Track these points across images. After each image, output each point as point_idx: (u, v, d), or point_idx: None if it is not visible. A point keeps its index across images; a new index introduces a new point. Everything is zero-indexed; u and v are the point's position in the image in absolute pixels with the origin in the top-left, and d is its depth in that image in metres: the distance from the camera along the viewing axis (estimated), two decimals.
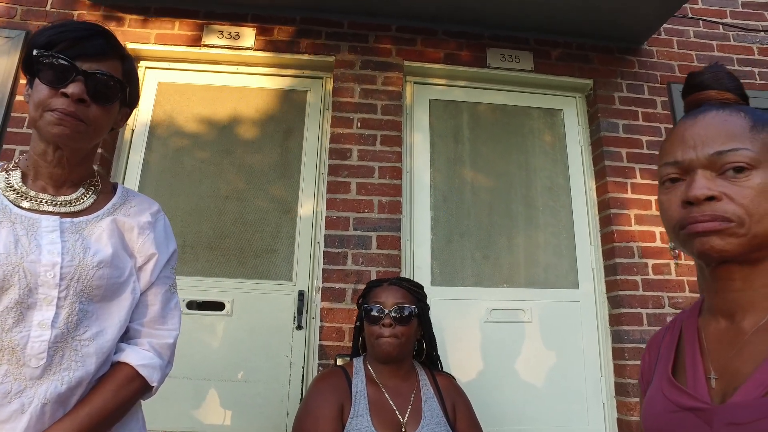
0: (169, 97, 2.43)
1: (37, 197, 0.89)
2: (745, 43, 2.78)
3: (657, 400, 0.67)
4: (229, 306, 2.15)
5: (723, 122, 0.61)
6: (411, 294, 1.47)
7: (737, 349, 0.60)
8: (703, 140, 0.61)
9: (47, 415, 0.79)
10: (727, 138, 0.60)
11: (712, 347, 0.64)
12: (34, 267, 0.81)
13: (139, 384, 0.89)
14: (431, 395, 1.42)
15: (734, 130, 0.60)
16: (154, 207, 1.04)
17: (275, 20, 2.45)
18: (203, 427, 2.01)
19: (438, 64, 2.50)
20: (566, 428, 2.18)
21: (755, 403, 0.54)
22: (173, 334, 0.97)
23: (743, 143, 0.59)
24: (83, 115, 0.86)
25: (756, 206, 0.57)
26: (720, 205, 0.59)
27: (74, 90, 0.84)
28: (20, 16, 2.32)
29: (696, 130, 0.63)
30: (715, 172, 0.60)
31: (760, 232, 0.58)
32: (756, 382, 0.55)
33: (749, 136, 0.60)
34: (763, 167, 0.59)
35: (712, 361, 0.63)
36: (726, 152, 0.59)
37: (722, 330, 0.64)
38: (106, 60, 0.89)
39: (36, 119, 0.85)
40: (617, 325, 2.26)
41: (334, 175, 2.24)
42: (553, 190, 2.50)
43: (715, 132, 0.61)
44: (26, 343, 0.79)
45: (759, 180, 0.58)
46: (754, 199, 0.58)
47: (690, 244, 0.62)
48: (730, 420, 0.55)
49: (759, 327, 0.59)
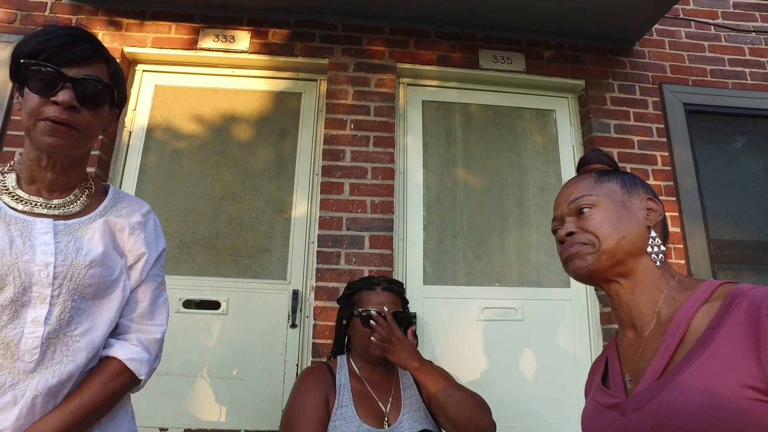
0: (165, 100, 2.47)
1: (31, 200, 0.92)
2: (737, 43, 2.81)
3: (590, 405, 0.83)
4: (225, 305, 2.18)
5: (576, 183, 0.87)
6: (400, 298, 1.52)
7: (640, 352, 0.77)
8: (565, 197, 0.87)
9: (38, 407, 0.83)
10: (578, 191, 0.85)
11: (626, 355, 0.81)
12: (28, 266, 0.85)
13: (127, 377, 0.92)
14: (410, 383, 1.47)
15: (583, 185, 0.86)
16: (144, 208, 1.07)
17: (270, 23, 2.49)
18: (199, 423, 2.05)
19: (431, 65, 2.53)
20: (557, 425, 2.21)
21: (649, 387, 0.69)
22: (161, 329, 1.01)
23: (587, 191, 0.84)
24: (75, 122, 0.88)
25: (600, 230, 0.80)
26: (577, 236, 0.82)
27: (64, 98, 0.86)
28: (20, 21, 2.36)
29: (562, 192, 0.89)
30: (575, 216, 0.84)
31: (608, 248, 0.79)
32: (650, 373, 0.70)
33: (593, 187, 0.84)
34: (602, 205, 0.82)
35: (626, 366, 0.79)
36: (576, 199, 0.84)
37: (631, 340, 0.81)
38: (92, 64, 0.91)
39: (29, 129, 0.87)
40: (608, 324, 2.29)
41: (327, 176, 2.28)
42: (545, 190, 2.53)
43: (571, 190, 0.87)
44: (20, 338, 0.83)
45: (599, 213, 0.81)
46: (597, 225, 0.80)
47: (567, 271, 0.84)
48: (635, 407, 0.70)
49: (650, 331, 0.76)
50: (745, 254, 2.51)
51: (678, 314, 0.72)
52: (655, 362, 0.70)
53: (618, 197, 0.83)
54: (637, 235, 0.80)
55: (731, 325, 0.65)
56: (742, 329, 0.63)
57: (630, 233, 0.79)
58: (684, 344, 0.69)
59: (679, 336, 0.69)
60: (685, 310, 0.71)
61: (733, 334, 0.64)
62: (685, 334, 0.69)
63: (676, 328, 0.70)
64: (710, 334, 0.66)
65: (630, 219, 0.80)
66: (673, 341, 0.70)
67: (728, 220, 2.56)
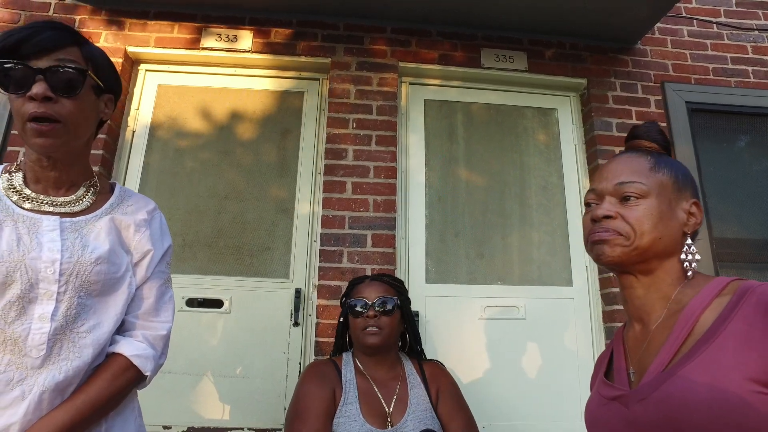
0: (168, 99, 2.48)
1: (38, 198, 0.92)
2: (739, 41, 2.80)
3: (593, 398, 0.83)
4: (228, 303, 2.19)
5: (629, 162, 0.81)
6: (392, 288, 1.53)
7: (645, 345, 0.77)
8: (613, 174, 0.80)
9: (45, 403, 0.83)
10: (629, 173, 0.79)
11: (631, 348, 0.81)
12: (35, 263, 0.86)
13: (133, 374, 0.93)
14: (417, 383, 1.46)
15: (636, 168, 0.79)
16: (150, 205, 1.08)
17: (272, 23, 2.49)
18: (202, 421, 2.06)
19: (432, 64, 2.53)
20: (559, 424, 2.21)
21: (654, 379, 0.69)
22: (166, 326, 1.01)
23: (639, 178, 0.78)
24: (55, 113, 0.85)
25: (640, 225, 0.75)
26: (614, 222, 0.77)
27: (37, 90, 0.84)
28: (24, 21, 2.37)
29: (611, 166, 0.82)
30: (618, 198, 0.79)
31: (642, 246, 0.75)
32: (656, 365, 0.71)
33: (646, 174, 0.78)
34: (651, 198, 0.77)
35: (631, 360, 0.79)
36: (626, 183, 0.78)
37: (637, 333, 0.80)
38: (61, 50, 0.87)
39: (21, 132, 0.87)
40: (610, 322, 2.30)
41: (330, 175, 2.28)
42: (548, 189, 2.54)
43: (622, 168, 0.80)
44: (27, 334, 0.84)
45: (645, 207, 0.76)
46: (639, 219, 0.76)
47: (591, 252, 0.81)
48: (640, 398, 0.70)
49: (657, 324, 0.76)
50: (749, 253, 2.51)
51: (687, 308, 0.71)
52: (661, 355, 0.71)
53: (667, 193, 0.78)
54: (673, 239, 0.77)
55: (739, 319, 0.65)
56: (749, 323, 0.63)
57: (667, 235, 0.76)
58: (691, 338, 0.69)
59: (687, 330, 0.69)
60: (695, 305, 0.71)
61: (740, 328, 0.64)
62: (693, 328, 0.69)
63: (685, 321, 0.70)
64: (717, 328, 0.66)
65: (671, 220, 0.77)
66: (681, 334, 0.70)
67: (731, 219, 2.56)
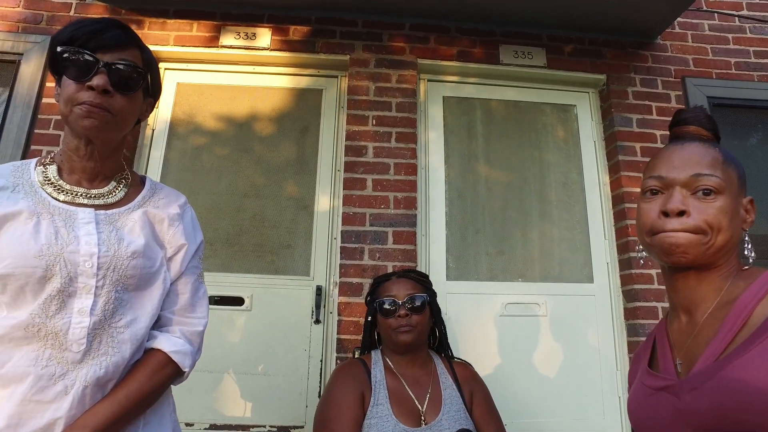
0: (187, 97, 2.48)
1: (72, 190, 0.93)
2: (762, 35, 2.76)
3: (637, 389, 0.81)
4: (248, 301, 2.19)
5: (704, 152, 0.75)
6: (420, 284, 1.51)
7: (693, 336, 0.74)
8: (686, 163, 0.75)
9: (88, 398, 0.83)
10: (705, 165, 0.74)
11: (677, 340, 0.78)
12: (73, 257, 0.86)
13: (171, 369, 0.93)
14: (450, 383, 1.45)
15: (712, 161, 0.75)
16: (181, 199, 1.08)
17: (290, 20, 2.49)
18: (224, 419, 2.06)
19: (451, 61, 2.52)
20: (582, 421, 2.19)
21: (707, 368, 0.67)
22: (203, 321, 1.01)
23: (716, 172, 0.73)
24: (109, 106, 0.89)
25: (718, 223, 0.71)
26: (689, 220, 0.72)
27: (98, 82, 0.87)
28: (46, 21, 2.39)
29: (682, 154, 0.76)
30: (689, 191, 0.74)
31: (719, 244, 0.72)
32: (707, 355, 0.69)
33: (721, 168, 0.74)
34: (726, 193, 0.73)
35: (677, 351, 0.77)
36: (703, 176, 0.73)
37: (683, 325, 0.78)
38: (126, 50, 0.92)
39: (66, 115, 0.89)
40: (632, 319, 2.27)
41: (350, 172, 2.28)
42: (567, 185, 2.51)
43: (697, 158, 0.75)
44: (68, 328, 0.84)
45: (721, 203, 0.72)
46: (718, 216, 0.72)
47: (660, 249, 0.74)
48: (692, 387, 0.68)
49: (707, 315, 0.74)
50: None
51: (740, 300, 0.70)
52: (713, 345, 0.69)
53: (735, 189, 0.75)
54: (738, 237, 0.75)
55: None
56: None
57: (735, 234, 0.74)
58: (745, 329, 0.67)
59: (741, 321, 0.68)
60: (748, 297, 0.70)
61: None
62: (747, 320, 0.68)
63: (739, 313, 0.69)
64: None
65: (736, 217, 0.74)
66: (735, 326, 0.68)
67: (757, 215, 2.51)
